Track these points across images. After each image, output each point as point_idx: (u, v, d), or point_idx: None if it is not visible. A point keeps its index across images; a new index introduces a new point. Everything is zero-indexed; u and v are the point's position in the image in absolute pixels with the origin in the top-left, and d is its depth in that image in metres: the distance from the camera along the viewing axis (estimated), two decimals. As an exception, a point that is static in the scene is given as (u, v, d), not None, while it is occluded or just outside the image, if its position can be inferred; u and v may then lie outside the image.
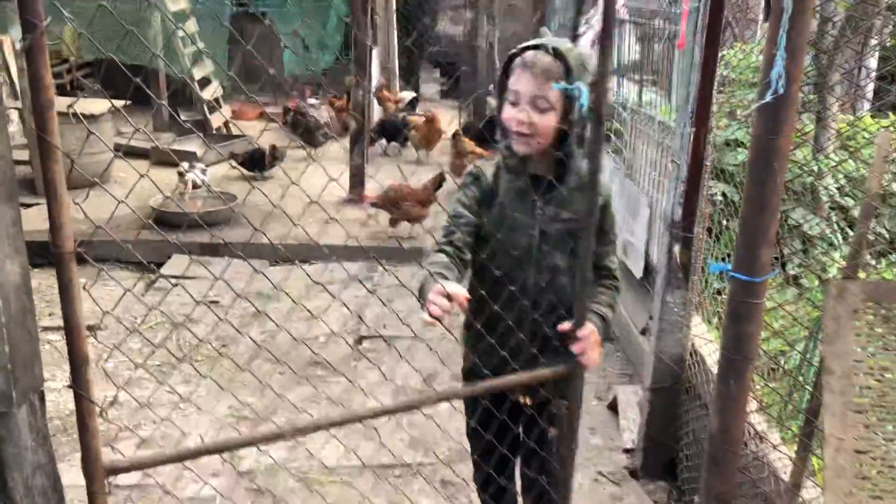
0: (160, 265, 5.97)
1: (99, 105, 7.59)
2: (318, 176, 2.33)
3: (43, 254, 4.44)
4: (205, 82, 9.70)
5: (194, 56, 9.42)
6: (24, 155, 7.37)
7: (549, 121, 2.08)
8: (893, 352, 1.51)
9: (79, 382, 1.62)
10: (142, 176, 1.60)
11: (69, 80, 10.68)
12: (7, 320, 1.37)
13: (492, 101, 9.62)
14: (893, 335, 1.50)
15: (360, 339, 4.91)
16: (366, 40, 7.06)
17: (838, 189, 5.01)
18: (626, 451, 3.74)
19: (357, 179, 7.26)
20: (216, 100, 9.69)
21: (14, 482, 1.52)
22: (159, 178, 7.44)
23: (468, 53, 11.00)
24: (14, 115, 8.11)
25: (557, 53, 2.06)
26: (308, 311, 2.29)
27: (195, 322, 5.02)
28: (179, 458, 1.84)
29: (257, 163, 7.85)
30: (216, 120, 9.57)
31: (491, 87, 9.95)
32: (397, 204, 6.34)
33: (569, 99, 2.05)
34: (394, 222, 6.47)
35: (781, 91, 1.33)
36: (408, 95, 10.95)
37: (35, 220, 5.91)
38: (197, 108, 9.42)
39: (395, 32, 11.16)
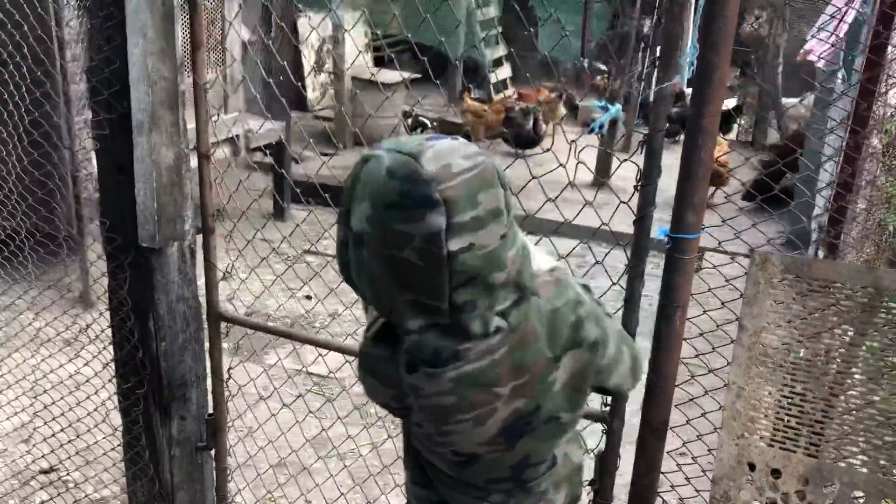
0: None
1: (395, 76, 8.72)
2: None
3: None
4: (498, 63, 10.54)
5: (494, 39, 10.28)
6: (329, 114, 8.79)
7: None
8: (802, 321, 1.68)
9: (206, 250, 2.33)
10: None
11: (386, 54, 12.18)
12: (158, 187, 2.09)
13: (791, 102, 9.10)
14: (800, 306, 1.67)
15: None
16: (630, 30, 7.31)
17: None
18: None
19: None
20: (503, 81, 10.48)
21: (160, 301, 2.26)
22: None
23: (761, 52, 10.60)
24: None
25: None
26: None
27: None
28: (289, 335, 2.49)
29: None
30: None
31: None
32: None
33: None
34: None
35: (689, 76, 1.58)
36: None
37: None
38: (483, 87, 10.29)
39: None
